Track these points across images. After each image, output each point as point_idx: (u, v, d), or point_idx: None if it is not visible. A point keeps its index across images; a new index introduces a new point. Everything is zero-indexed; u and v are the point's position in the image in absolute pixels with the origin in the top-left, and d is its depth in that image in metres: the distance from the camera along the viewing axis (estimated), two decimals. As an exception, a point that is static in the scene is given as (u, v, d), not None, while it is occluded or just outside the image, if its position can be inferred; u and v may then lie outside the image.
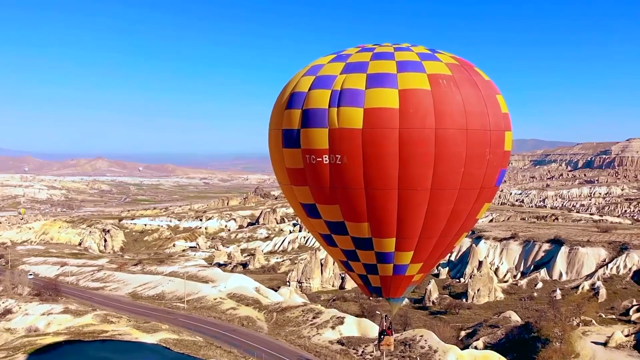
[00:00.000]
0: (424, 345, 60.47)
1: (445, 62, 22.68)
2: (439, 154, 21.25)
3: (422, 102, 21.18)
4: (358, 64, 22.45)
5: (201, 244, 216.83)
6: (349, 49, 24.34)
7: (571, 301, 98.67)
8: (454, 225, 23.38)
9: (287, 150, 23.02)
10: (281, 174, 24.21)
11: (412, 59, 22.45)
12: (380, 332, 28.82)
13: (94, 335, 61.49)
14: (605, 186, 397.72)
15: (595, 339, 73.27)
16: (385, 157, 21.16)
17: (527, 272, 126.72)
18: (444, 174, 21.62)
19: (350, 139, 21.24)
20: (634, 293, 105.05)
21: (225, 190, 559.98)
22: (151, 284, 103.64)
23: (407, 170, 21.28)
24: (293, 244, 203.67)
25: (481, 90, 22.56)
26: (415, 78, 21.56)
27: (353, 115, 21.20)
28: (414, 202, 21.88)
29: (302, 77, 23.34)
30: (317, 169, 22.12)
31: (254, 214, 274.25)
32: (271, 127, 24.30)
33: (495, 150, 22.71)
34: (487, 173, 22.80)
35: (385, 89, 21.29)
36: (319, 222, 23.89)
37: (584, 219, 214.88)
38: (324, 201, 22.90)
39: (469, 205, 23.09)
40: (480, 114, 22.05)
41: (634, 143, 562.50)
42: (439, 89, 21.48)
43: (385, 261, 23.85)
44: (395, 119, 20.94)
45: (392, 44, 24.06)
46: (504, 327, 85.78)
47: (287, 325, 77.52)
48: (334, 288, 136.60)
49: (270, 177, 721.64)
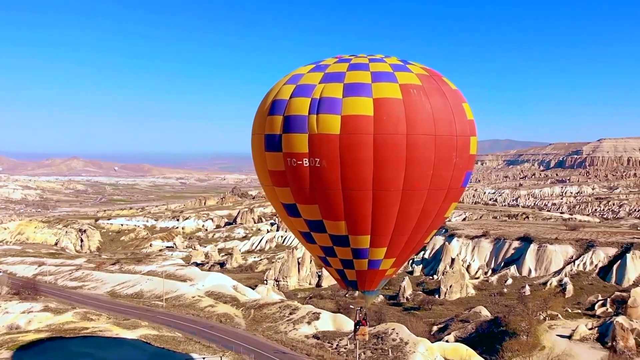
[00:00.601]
0: (396, 338, 62.30)
1: (416, 73, 24.34)
2: (410, 157, 22.87)
3: (395, 110, 22.79)
4: (336, 74, 24.00)
5: (178, 244, 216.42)
6: (327, 59, 25.86)
7: (539, 297, 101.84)
8: (424, 223, 25.08)
9: (270, 153, 24.46)
10: (263, 176, 25.64)
11: (385, 69, 24.07)
12: (356, 323, 30.56)
13: (75, 332, 62.15)
14: (576, 185, 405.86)
15: (561, 332, 76.02)
16: (360, 161, 22.71)
17: (497, 268, 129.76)
18: (414, 176, 23.24)
19: (329, 144, 22.76)
20: (599, 289, 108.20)
21: (202, 190, 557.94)
22: (129, 282, 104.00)
23: (381, 172, 22.86)
24: (270, 244, 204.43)
25: (448, 99, 24.27)
26: (388, 88, 23.18)
27: (331, 122, 22.73)
28: (387, 202, 23.49)
29: (283, 86, 24.81)
30: (297, 171, 23.60)
31: (231, 213, 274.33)
32: (254, 132, 25.69)
33: (461, 155, 24.44)
34: (454, 175, 24.50)
35: (360, 98, 22.87)
36: (299, 220, 25.40)
37: (553, 218, 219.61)
38: (303, 201, 24.38)
39: (437, 204, 24.78)
40: (448, 121, 23.75)
41: (604, 143, 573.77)
42: (410, 98, 23.13)
43: (361, 257, 25.43)
44: (370, 126, 22.53)
45: (367, 55, 25.65)
46: (474, 321, 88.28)
47: (264, 321, 78.79)
48: (310, 286, 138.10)
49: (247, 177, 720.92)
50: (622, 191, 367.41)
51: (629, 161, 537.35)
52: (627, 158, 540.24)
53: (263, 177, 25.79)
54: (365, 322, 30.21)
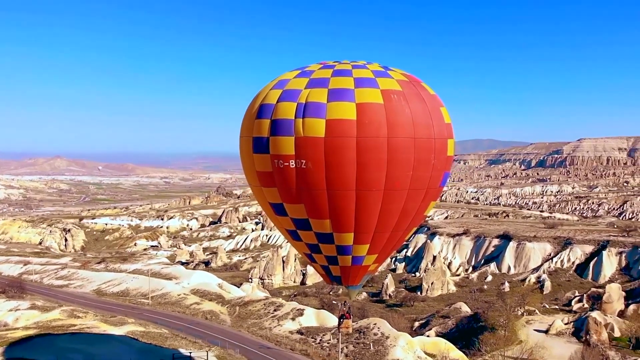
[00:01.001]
0: (377, 333, 63.55)
1: (396, 79, 25.47)
2: (391, 159, 24.00)
3: (376, 114, 23.90)
4: (320, 79, 25.06)
5: (163, 243, 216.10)
6: (312, 65, 26.90)
7: (518, 293, 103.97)
8: (405, 221, 26.23)
9: (257, 155, 25.45)
10: (251, 177, 26.64)
11: (368, 75, 25.18)
12: (340, 316, 31.74)
13: (63, 329, 62.42)
14: (556, 184, 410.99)
15: (538, 327, 77.98)
16: (344, 162, 23.79)
17: (478, 266, 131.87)
18: (395, 177, 24.36)
19: (314, 146, 23.81)
20: (576, 285, 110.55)
21: (186, 190, 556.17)
22: (115, 281, 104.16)
23: (364, 173, 23.96)
24: (255, 242, 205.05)
25: (427, 103, 25.45)
26: (370, 93, 24.30)
27: (316, 126, 23.78)
28: (369, 201, 24.61)
29: (270, 90, 25.82)
30: (284, 173, 24.62)
31: (216, 212, 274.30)
32: (242, 135, 26.66)
33: (439, 156, 25.61)
34: (432, 176, 25.69)
35: (344, 103, 23.96)
36: (286, 219, 26.42)
37: (533, 216, 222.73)
38: (290, 201, 25.40)
39: (417, 203, 25.95)
40: (426, 125, 24.91)
41: (584, 143, 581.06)
42: (391, 103, 24.27)
43: (345, 253, 26.53)
44: (353, 129, 23.62)
45: (350, 62, 26.74)
46: (455, 317, 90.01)
47: (249, 317, 79.68)
48: (295, 284, 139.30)
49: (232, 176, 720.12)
50: (601, 190, 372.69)
51: (608, 161, 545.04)
52: (607, 158, 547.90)
53: (251, 178, 26.76)
54: (349, 315, 31.44)
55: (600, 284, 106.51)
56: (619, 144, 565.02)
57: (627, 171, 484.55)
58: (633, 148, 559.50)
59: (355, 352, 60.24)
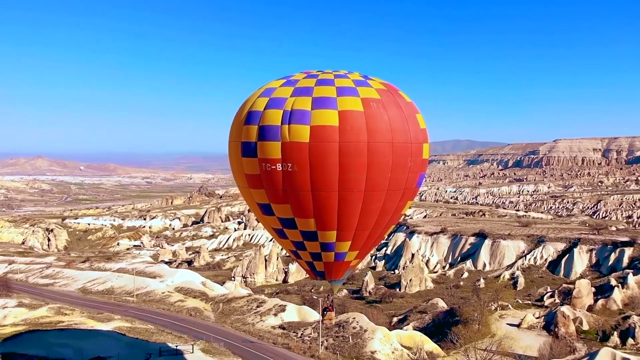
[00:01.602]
0: (356, 326, 65.41)
1: (375, 88, 27.02)
2: (371, 162, 25.53)
3: (357, 121, 25.42)
4: (305, 88, 26.50)
5: (145, 243, 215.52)
6: (296, 74, 28.32)
7: (492, 289, 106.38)
8: (384, 219, 27.80)
9: (246, 159, 26.82)
10: (240, 179, 27.99)
11: (349, 85, 26.69)
12: (324, 309, 33.44)
13: (51, 325, 63.45)
14: (533, 184, 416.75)
15: (511, 321, 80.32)
16: (327, 165, 25.25)
17: (454, 263, 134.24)
18: (374, 179, 25.90)
19: (299, 151, 25.25)
20: (548, 281, 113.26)
21: (168, 190, 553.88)
22: (100, 279, 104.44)
23: (345, 175, 25.45)
24: (238, 242, 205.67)
25: (404, 110, 27.03)
26: (351, 101, 25.81)
27: (301, 131, 25.22)
28: (351, 201, 26.12)
29: (257, 98, 27.19)
30: (271, 175, 26.03)
31: (198, 212, 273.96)
32: (231, 139, 28.00)
33: (415, 159, 27.21)
34: (409, 177, 27.28)
35: (327, 110, 25.43)
36: (273, 218, 27.84)
37: (508, 215, 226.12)
38: (277, 201, 26.81)
39: (395, 203, 27.54)
40: (403, 130, 26.49)
41: (560, 144, 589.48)
42: (370, 110, 25.81)
43: (328, 250, 28.03)
44: (336, 135, 25.11)
45: (333, 71, 28.21)
46: (432, 312, 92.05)
47: (232, 314, 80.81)
48: (277, 282, 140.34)
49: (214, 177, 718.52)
50: (576, 189, 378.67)
51: (583, 161, 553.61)
52: (582, 158, 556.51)
53: (240, 180, 28.12)
54: (332, 308, 33.13)
55: (572, 280, 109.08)
56: (594, 145, 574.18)
57: (602, 171, 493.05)
58: (607, 149, 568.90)
59: (335, 344, 61.94)
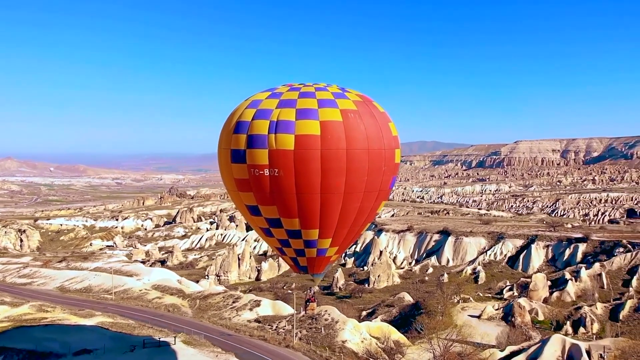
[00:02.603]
0: (328, 318, 67.77)
1: (352, 100, 29.27)
2: (349, 167, 27.73)
3: (337, 130, 27.62)
4: (289, 100, 28.62)
5: (118, 243, 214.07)
6: (280, 87, 30.42)
7: (455, 283, 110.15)
8: (361, 218, 30.10)
9: (235, 165, 28.75)
10: (229, 183, 29.93)
11: (328, 97, 28.90)
12: (306, 300, 35.76)
13: (36, 322, 64.09)
14: (495, 184, 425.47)
15: (472, 313, 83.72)
16: (310, 171, 27.36)
17: (420, 259, 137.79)
18: (352, 182, 28.13)
19: (285, 158, 27.32)
20: (507, 275, 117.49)
21: (138, 191, 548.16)
22: (78, 278, 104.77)
23: (327, 179, 27.62)
24: (210, 241, 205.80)
25: (378, 120, 29.38)
26: (331, 112, 28.02)
27: (287, 140, 27.30)
28: (332, 202, 28.31)
29: (245, 109, 29.16)
30: (260, 180, 28.03)
31: (170, 213, 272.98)
32: (221, 147, 29.88)
33: (388, 164, 29.58)
34: (383, 180, 29.63)
35: (310, 121, 27.56)
36: (260, 219, 29.84)
37: (471, 213, 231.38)
38: (264, 203, 28.81)
39: (370, 203, 29.86)
40: (378, 138, 28.83)
41: (520, 145, 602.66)
42: (348, 121, 28.06)
43: (311, 246, 30.17)
44: (318, 143, 27.26)
45: (313, 84, 30.37)
46: (399, 306, 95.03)
47: (209, 309, 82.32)
48: (250, 280, 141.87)
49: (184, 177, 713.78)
50: (536, 189, 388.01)
51: (542, 161, 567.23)
52: (541, 158, 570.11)
53: (229, 184, 30.10)
54: (314, 299, 35.47)
55: (529, 274, 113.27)
56: (553, 146, 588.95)
57: (560, 171, 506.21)
58: (565, 149, 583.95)
59: (309, 335, 64.24)
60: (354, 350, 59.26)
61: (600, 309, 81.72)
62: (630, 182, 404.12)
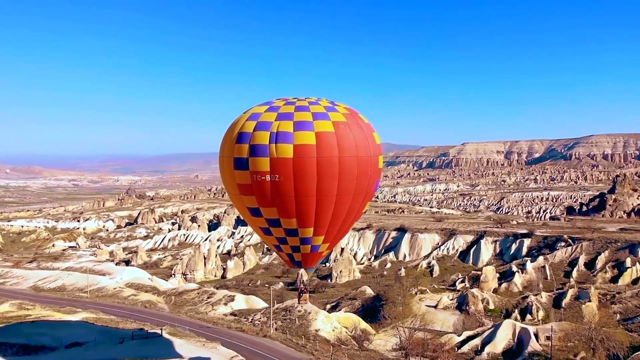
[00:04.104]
0: (301, 310, 71.00)
1: (342, 112, 32.35)
2: (341, 172, 30.75)
3: (330, 140, 30.59)
4: (287, 113, 31.45)
5: (81, 244, 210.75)
6: (277, 101, 33.23)
7: (412, 276, 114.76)
8: (350, 217, 33.21)
9: (238, 171, 31.34)
10: (232, 187, 32.46)
11: (321, 110, 31.90)
12: (300, 292, 38.78)
13: (21, 319, 64.43)
14: (444, 183, 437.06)
15: (429, 303, 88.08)
16: (307, 176, 30.23)
17: (379, 255, 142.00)
18: (344, 185, 31.16)
19: (285, 165, 30.12)
20: (459, 269, 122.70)
21: (95, 192, 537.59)
22: (51, 277, 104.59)
23: (322, 183, 30.56)
24: (173, 242, 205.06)
25: (364, 130, 32.59)
26: (324, 124, 31.02)
27: (286, 149, 30.13)
28: (326, 204, 31.25)
29: (246, 121, 31.80)
30: (261, 184, 30.72)
31: (131, 214, 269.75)
32: (224, 155, 32.35)
33: (373, 169, 32.77)
34: (369, 183, 32.77)
35: (306, 132, 30.48)
36: (261, 219, 32.47)
37: (424, 211, 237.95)
38: (265, 205, 31.47)
39: (358, 204, 32.99)
40: (365, 146, 32.00)
41: (467, 147, 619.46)
42: (340, 131, 31.09)
43: (306, 243, 33.01)
44: (314, 151, 30.19)
45: (306, 98, 33.32)
46: (361, 298, 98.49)
47: (185, 305, 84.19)
48: (216, 278, 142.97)
49: (141, 178, 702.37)
50: (482, 188, 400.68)
51: (488, 162, 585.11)
52: (487, 160, 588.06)
53: (231, 188, 32.66)
54: (307, 290, 38.52)
55: (479, 267, 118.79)
56: (497, 148, 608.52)
57: (504, 171, 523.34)
58: (509, 151, 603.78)
59: (284, 326, 67.31)
60: (327, 338, 62.68)
61: (545, 297, 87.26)
62: (569, 181, 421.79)
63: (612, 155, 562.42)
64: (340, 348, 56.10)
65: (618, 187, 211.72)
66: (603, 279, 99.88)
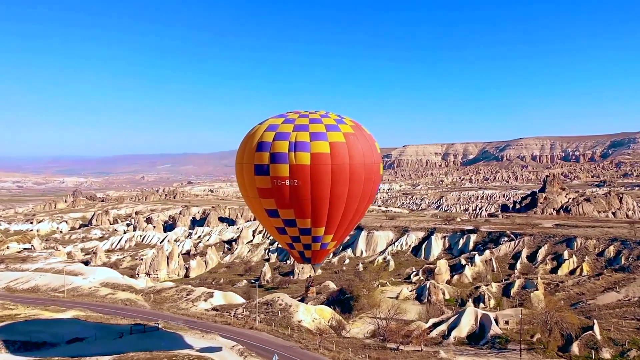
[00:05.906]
0: (282, 303, 73.99)
1: (349, 124, 35.75)
2: (351, 178, 34.12)
3: (342, 149, 33.98)
4: (303, 125, 34.58)
5: (36, 246, 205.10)
6: (291, 113, 36.23)
7: (371, 271, 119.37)
8: (356, 217, 36.63)
9: (259, 177, 34.18)
10: (252, 191, 35.15)
11: (332, 123, 35.19)
12: (307, 286, 41.90)
13: (12, 318, 63.86)
14: (387, 183, 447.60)
15: (390, 295, 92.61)
16: (323, 181, 33.42)
17: (337, 252, 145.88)
18: (353, 189, 34.56)
19: (303, 171, 33.26)
20: (413, 263, 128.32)
21: (41, 194, 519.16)
22: (22, 279, 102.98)
23: (335, 188, 33.83)
24: (130, 242, 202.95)
25: (368, 140, 36.18)
26: (336, 135, 34.38)
27: (304, 157, 33.27)
28: (337, 205, 34.49)
29: (264, 132, 34.73)
30: (281, 189, 33.68)
31: (85, 215, 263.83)
32: (244, 162, 35.07)
33: (376, 174, 36.21)
34: (372, 187, 36.33)
35: (321, 142, 33.81)
36: (277, 220, 35.29)
37: (375, 210, 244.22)
38: (283, 207, 34.38)
39: (363, 205, 36.46)
40: (370, 155, 35.57)
41: (408, 149, 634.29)
42: (349, 141, 34.47)
43: (317, 241, 36.09)
44: (328, 159, 33.48)
45: (317, 111, 36.56)
46: (325, 293, 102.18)
47: (165, 302, 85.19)
48: (179, 277, 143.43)
49: (87, 180, 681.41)
50: (422, 187, 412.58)
51: (427, 163, 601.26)
52: (426, 161, 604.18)
53: (251, 192, 35.32)
54: (313, 284, 41.72)
55: (431, 261, 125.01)
56: (436, 150, 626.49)
57: (442, 172, 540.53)
58: (446, 153, 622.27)
59: (267, 318, 70.03)
60: (309, 328, 65.98)
61: (495, 287, 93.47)
62: (501, 180, 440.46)
63: (540, 156, 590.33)
64: (324, 337, 59.50)
65: (548, 186, 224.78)
66: (544, 270, 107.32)
